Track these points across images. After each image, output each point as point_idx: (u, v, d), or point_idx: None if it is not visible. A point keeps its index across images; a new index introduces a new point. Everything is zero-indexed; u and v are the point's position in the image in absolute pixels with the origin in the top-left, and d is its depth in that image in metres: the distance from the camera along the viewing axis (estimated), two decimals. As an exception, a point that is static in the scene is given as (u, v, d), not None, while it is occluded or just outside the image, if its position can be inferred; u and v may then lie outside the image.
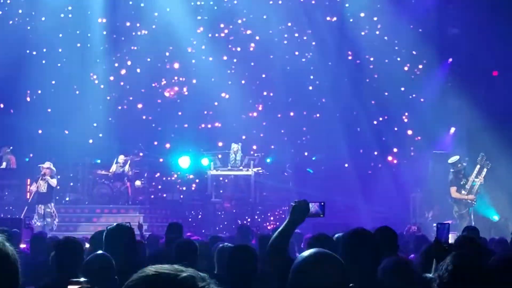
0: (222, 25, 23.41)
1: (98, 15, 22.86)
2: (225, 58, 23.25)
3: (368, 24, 22.53)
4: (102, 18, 22.95)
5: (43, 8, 22.29)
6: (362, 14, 22.59)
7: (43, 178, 18.44)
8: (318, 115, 23.03)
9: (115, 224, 5.92)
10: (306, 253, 3.01)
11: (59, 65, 22.36)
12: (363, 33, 22.53)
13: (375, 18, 22.45)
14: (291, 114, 23.15)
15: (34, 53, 22.48)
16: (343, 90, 22.35)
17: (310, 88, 23.07)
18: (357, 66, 22.78)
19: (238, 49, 23.51)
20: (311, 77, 23.07)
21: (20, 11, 22.43)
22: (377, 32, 22.40)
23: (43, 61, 22.38)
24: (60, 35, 22.54)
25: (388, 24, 22.11)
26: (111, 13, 22.91)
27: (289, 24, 23.21)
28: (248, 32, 23.36)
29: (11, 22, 22.29)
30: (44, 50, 22.47)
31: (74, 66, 22.52)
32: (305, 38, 23.13)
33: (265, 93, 23.50)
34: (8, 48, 21.33)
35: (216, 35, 23.39)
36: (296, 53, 23.09)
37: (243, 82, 23.30)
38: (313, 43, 23.05)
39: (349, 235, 4.72)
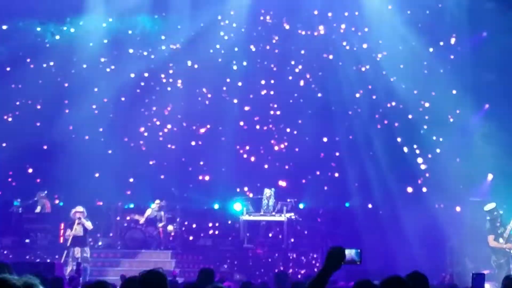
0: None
1: (133, 70, 23.40)
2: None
3: (399, 67, 22.49)
4: (143, 72, 23.50)
5: (82, 57, 22.94)
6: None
7: (79, 222, 18.57)
8: (337, 154, 22.97)
9: (149, 269, 5.83)
10: None
11: (111, 116, 22.94)
12: (392, 79, 22.50)
13: (401, 65, 22.43)
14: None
15: (66, 103, 22.93)
16: (375, 137, 22.33)
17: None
18: (391, 112, 22.72)
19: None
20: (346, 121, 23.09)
21: (51, 63, 23.07)
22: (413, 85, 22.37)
23: (96, 111, 23.03)
24: (96, 90, 22.99)
25: (421, 67, 22.09)
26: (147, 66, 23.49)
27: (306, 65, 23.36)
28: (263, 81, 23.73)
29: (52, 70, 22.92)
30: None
31: (119, 117, 23.10)
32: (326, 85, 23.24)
33: (288, 130, 23.57)
34: (48, 96, 22.08)
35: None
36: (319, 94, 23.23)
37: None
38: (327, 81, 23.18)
39: (385, 284, 4.58)
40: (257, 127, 23.72)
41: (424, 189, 21.67)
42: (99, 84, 23.06)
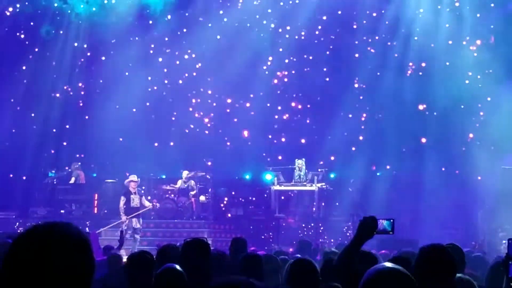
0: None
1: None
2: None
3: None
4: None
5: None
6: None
7: (135, 192, 18.56)
8: (362, 119, 23.05)
9: (192, 238, 5.92)
10: (379, 266, 2.99)
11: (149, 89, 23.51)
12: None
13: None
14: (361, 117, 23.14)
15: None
16: (402, 100, 22.27)
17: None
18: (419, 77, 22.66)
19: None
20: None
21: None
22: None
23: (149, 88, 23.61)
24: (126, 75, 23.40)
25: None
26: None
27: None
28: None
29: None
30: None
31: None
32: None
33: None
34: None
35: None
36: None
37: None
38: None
39: (426, 252, 4.57)
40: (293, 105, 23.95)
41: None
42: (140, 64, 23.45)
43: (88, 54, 23.75)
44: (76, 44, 23.61)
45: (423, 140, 22.27)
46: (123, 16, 23.29)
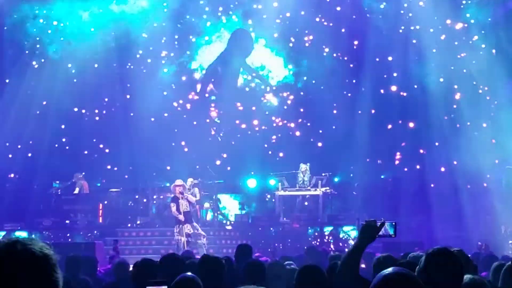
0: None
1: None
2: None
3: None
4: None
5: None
6: None
7: (183, 197, 18.07)
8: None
9: (209, 255, 6.03)
10: (387, 271, 3.03)
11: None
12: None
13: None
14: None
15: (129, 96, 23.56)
16: (410, 102, 22.33)
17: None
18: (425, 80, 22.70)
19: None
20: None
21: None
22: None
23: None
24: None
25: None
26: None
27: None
28: None
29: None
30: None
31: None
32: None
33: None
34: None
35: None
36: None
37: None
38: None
39: (433, 256, 4.54)
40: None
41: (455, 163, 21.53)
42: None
43: (95, 65, 23.65)
44: (70, 66, 23.38)
45: (411, 124, 22.27)
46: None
